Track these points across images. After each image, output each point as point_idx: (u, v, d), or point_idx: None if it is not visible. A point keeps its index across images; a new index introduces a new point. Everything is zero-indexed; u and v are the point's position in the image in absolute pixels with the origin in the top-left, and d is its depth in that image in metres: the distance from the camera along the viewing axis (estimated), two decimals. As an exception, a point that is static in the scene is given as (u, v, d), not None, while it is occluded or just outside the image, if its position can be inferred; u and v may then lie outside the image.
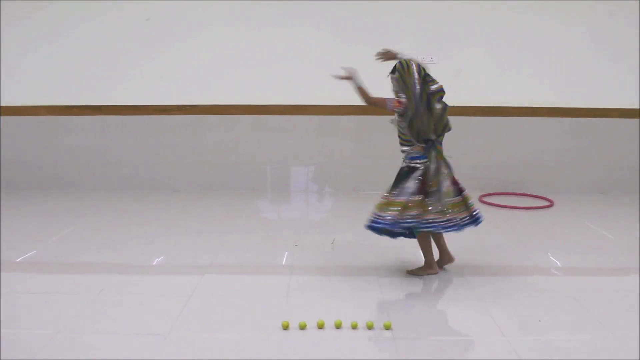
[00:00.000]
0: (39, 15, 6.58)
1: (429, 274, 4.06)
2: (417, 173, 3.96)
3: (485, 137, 6.68)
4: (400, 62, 4.01)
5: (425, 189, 3.90)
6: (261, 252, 4.45)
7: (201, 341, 3.11)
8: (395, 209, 3.90)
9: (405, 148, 4.10)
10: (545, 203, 6.23)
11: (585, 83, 6.60)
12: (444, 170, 3.97)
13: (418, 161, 3.99)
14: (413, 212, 3.87)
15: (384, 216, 3.95)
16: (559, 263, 4.43)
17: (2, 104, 6.69)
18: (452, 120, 6.45)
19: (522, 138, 6.68)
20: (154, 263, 4.41)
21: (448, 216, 3.92)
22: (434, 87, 3.94)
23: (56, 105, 6.68)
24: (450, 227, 3.95)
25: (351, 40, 6.52)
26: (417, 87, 3.91)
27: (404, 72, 3.97)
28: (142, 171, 6.83)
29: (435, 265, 4.09)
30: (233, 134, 6.73)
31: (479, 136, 6.67)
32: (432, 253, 4.09)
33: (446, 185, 3.93)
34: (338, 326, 3.23)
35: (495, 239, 5.01)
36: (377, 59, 4.24)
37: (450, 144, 6.58)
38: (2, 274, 4.07)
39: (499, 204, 6.16)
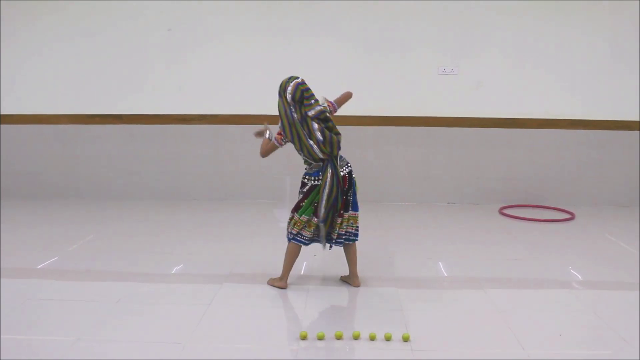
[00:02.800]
0: (59, 26, 6.66)
1: (277, 287, 4.04)
2: (305, 188, 3.97)
3: (506, 149, 6.64)
4: (281, 82, 3.91)
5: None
6: (280, 262, 4.44)
7: (219, 350, 3.11)
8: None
9: (305, 166, 4.05)
10: (566, 216, 6.18)
11: (606, 95, 6.55)
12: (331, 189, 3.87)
13: (312, 177, 3.95)
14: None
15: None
16: (579, 277, 4.39)
17: (23, 113, 6.78)
18: (472, 131, 6.55)
19: (543, 150, 6.63)
20: (173, 272, 4.43)
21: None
22: (310, 112, 3.85)
23: (78, 114, 6.75)
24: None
25: (371, 51, 6.54)
26: (292, 114, 3.86)
27: (279, 97, 3.92)
28: (162, 180, 6.87)
29: (285, 282, 4.03)
30: (253, 143, 6.73)
31: (499, 148, 6.63)
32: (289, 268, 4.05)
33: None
34: (356, 337, 3.22)
35: (515, 252, 4.97)
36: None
37: (470, 156, 6.63)
38: (23, 280, 4.15)
39: (519, 216, 6.12)
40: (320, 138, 3.80)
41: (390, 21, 6.50)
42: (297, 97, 3.81)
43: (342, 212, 3.92)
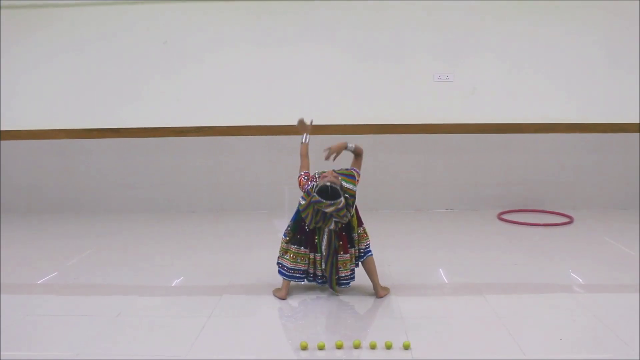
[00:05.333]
0: (55, 42, 6.69)
1: (276, 296, 4.04)
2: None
3: (503, 154, 6.65)
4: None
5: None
6: (279, 272, 4.45)
7: (220, 362, 3.10)
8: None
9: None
10: (565, 220, 6.18)
11: (602, 98, 6.57)
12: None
13: None
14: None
15: None
16: (580, 280, 4.38)
17: (22, 128, 6.79)
18: (470, 137, 6.57)
19: (541, 154, 6.64)
20: (173, 284, 4.42)
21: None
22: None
23: (75, 129, 6.76)
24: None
25: (367, 59, 6.57)
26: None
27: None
28: (160, 193, 6.88)
29: (284, 292, 4.02)
30: (250, 155, 6.77)
31: (497, 153, 6.64)
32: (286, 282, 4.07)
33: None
34: (357, 346, 3.21)
35: (514, 257, 4.97)
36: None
37: (467, 162, 6.64)
38: (23, 296, 4.14)
39: (518, 221, 6.12)
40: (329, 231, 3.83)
41: (386, 30, 6.53)
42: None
43: (343, 253, 3.93)
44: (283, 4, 6.53)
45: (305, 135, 4.13)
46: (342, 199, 3.68)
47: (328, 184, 3.66)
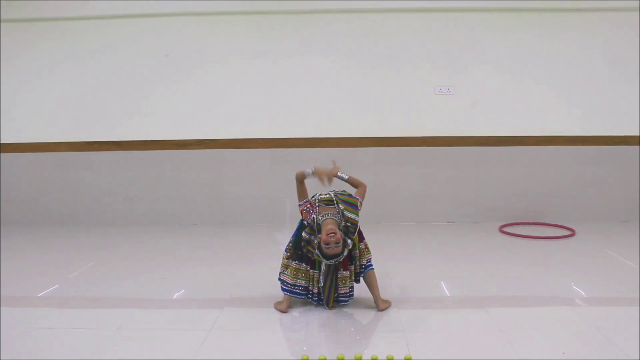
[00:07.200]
0: (56, 54, 6.71)
1: (277, 309, 4.03)
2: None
3: (504, 167, 6.66)
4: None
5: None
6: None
7: (221, 376, 3.09)
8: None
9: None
10: (567, 232, 6.17)
11: (603, 110, 6.57)
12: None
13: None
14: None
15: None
16: (582, 293, 4.37)
17: (23, 141, 6.80)
18: (471, 150, 6.57)
19: (542, 167, 6.65)
20: (174, 297, 4.41)
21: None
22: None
23: (77, 142, 6.77)
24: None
25: (368, 72, 6.58)
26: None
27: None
28: (161, 206, 6.88)
29: (285, 305, 4.01)
30: (251, 167, 6.77)
31: (498, 166, 6.65)
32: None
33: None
34: (358, 360, 3.20)
35: (516, 270, 4.96)
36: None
37: (469, 175, 6.64)
38: (23, 308, 4.13)
39: (519, 234, 6.11)
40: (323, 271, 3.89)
41: (387, 43, 6.55)
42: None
43: (343, 270, 3.95)
44: (284, 17, 6.56)
45: (311, 168, 4.12)
46: (345, 253, 3.77)
47: (331, 262, 3.79)
